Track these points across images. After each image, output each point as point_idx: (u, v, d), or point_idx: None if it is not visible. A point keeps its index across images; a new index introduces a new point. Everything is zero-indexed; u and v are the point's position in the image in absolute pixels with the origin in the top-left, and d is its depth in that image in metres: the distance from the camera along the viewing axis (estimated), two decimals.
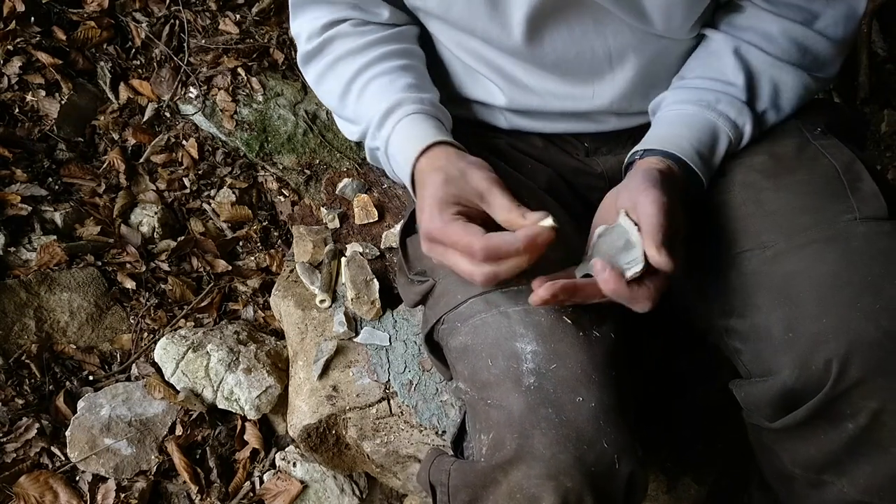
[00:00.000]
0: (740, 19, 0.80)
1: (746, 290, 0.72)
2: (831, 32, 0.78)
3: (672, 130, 0.78)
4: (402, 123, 0.79)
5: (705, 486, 1.05)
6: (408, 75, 0.84)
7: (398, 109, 0.79)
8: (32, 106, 1.55)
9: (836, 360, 0.63)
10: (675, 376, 1.01)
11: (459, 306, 0.73)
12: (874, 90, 2.01)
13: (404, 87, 0.82)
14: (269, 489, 1.21)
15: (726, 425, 1.05)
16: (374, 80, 0.83)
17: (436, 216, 0.68)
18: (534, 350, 0.66)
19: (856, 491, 0.68)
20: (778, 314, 0.68)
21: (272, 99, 1.71)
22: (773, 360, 0.68)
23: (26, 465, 1.18)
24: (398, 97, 0.80)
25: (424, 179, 0.73)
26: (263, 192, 1.65)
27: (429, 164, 0.74)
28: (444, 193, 0.69)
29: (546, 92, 0.86)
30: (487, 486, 0.67)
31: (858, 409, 0.64)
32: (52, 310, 1.33)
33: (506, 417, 0.65)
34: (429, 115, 0.79)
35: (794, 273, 0.68)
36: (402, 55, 0.86)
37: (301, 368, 1.05)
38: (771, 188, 0.75)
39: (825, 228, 0.69)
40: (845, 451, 0.67)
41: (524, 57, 0.83)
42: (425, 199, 0.70)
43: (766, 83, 0.79)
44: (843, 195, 0.72)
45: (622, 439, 0.65)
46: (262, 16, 1.82)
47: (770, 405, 0.70)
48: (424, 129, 0.77)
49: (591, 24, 0.78)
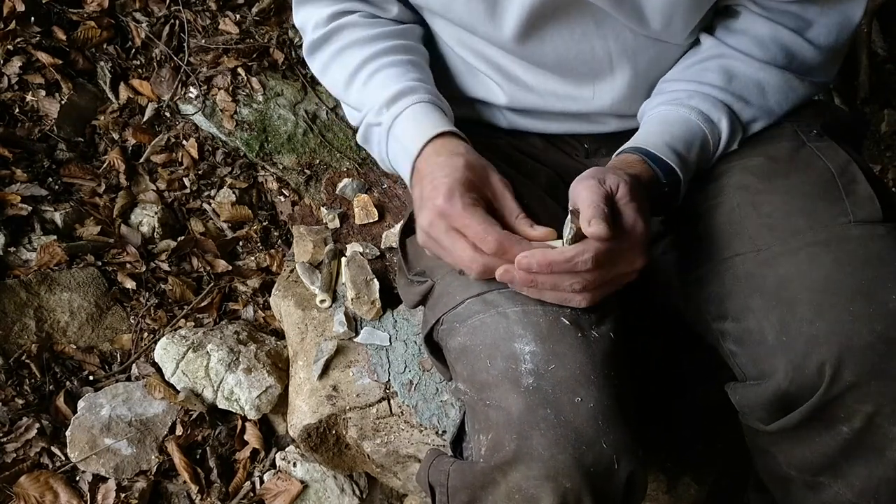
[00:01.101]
0: (735, 23, 0.80)
1: (741, 293, 0.72)
2: (822, 41, 0.78)
3: (645, 129, 0.79)
4: (415, 108, 0.78)
5: (705, 486, 1.05)
6: (416, 70, 0.84)
7: (412, 94, 0.79)
8: (32, 106, 1.55)
9: (829, 363, 0.63)
10: (675, 376, 1.01)
11: (458, 307, 0.73)
12: (874, 90, 2.01)
13: (416, 78, 0.82)
14: (270, 489, 1.21)
15: (726, 425, 1.05)
16: (382, 70, 0.83)
17: (456, 197, 0.67)
18: (532, 351, 0.66)
19: (852, 493, 0.68)
20: (772, 317, 0.68)
21: (272, 99, 1.71)
22: (767, 363, 0.68)
23: (26, 465, 1.18)
24: (411, 84, 0.80)
25: (440, 161, 0.72)
26: (263, 192, 1.65)
27: (446, 148, 0.74)
28: (465, 178, 0.69)
29: (546, 91, 0.87)
30: (486, 486, 0.67)
31: (853, 413, 0.64)
32: (53, 310, 1.33)
33: (504, 418, 0.65)
34: (439, 107, 0.80)
35: (788, 276, 0.68)
36: (409, 51, 0.87)
37: (301, 368, 1.05)
38: (765, 191, 0.75)
39: (819, 231, 0.69)
40: (840, 454, 0.67)
41: (524, 56, 0.83)
42: (442, 178, 0.69)
43: (750, 84, 0.79)
44: (837, 198, 0.71)
45: (621, 440, 0.65)
46: (262, 16, 1.82)
47: (764, 408, 0.70)
48: (438, 118, 0.78)
49: (592, 26, 0.79)
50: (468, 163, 0.71)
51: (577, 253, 0.63)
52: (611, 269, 0.66)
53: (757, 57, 0.78)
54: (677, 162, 0.75)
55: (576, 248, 0.63)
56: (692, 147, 0.77)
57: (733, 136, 0.79)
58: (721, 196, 0.78)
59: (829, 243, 0.68)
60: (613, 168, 0.71)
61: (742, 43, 0.79)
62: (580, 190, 0.66)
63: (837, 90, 1.99)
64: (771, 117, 0.81)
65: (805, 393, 0.65)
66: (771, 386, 0.68)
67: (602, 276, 0.65)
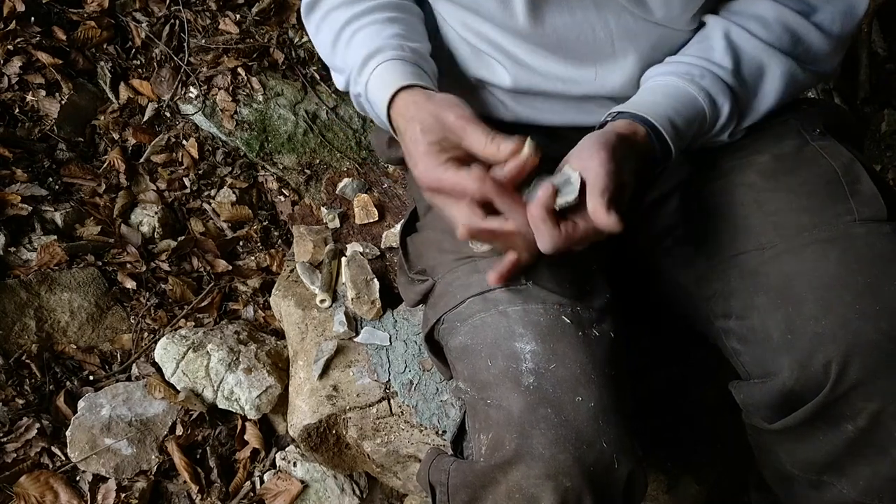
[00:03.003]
0: (738, 4, 0.78)
1: (745, 291, 0.72)
2: (827, 27, 0.77)
3: (650, 97, 0.77)
4: (379, 69, 0.78)
5: (705, 486, 1.05)
6: (396, 26, 0.83)
7: (378, 55, 0.79)
8: (33, 106, 1.55)
9: (835, 361, 0.63)
10: (675, 376, 1.01)
11: (459, 306, 0.73)
12: (874, 90, 2.01)
13: (390, 35, 0.82)
14: (270, 489, 1.21)
15: (726, 425, 1.05)
16: (362, 29, 0.83)
17: (429, 168, 0.68)
18: (533, 350, 0.66)
19: (855, 492, 0.68)
20: (777, 315, 0.68)
21: (272, 99, 1.71)
22: (772, 361, 0.68)
23: (27, 464, 1.17)
24: (380, 44, 0.80)
25: (404, 129, 0.74)
26: (263, 191, 1.65)
27: (400, 114, 0.75)
28: (426, 144, 0.69)
29: (549, 74, 0.85)
30: (487, 485, 0.67)
31: (858, 411, 0.64)
32: (53, 310, 1.33)
33: (505, 417, 0.65)
34: (407, 60, 0.79)
35: (794, 274, 0.68)
36: (394, 8, 0.86)
37: (301, 368, 1.05)
38: (770, 189, 0.75)
39: (825, 230, 0.69)
40: (845, 453, 0.67)
41: (526, 37, 0.82)
42: (413, 152, 0.71)
43: (752, 66, 0.77)
44: (842, 196, 0.71)
45: (621, 439, 0.65)
46: (262, 16, 1.82)
47: (769, 406, 0.70)
48: (398, 75, 0.77)
49: (593, 8, 0.77)
50: (421, 127, 0.70)
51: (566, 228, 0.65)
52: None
53: (762, 38, 0.76)
54: (675, 139, 0.74)
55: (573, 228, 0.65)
56: (691, 127, 0.76)
57: (728, 124, 0.78)
58: (726, 194, 0.78)
59: (835, 241, 0.68)
60: (619, 136, 0.70)
61: (748, 23, 0.77)
62: (592, 165, 0.65)
63: (837, 90, 1.99)
64: (761, 105, 0.79)
65: (810, 391, 0.65)
66: (776, 384, 0.67)
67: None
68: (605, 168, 0.64)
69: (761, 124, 0.82)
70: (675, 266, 0.84)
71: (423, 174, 0.69)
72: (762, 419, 0.73)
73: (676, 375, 1.01)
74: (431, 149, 0.69)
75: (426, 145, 0.69)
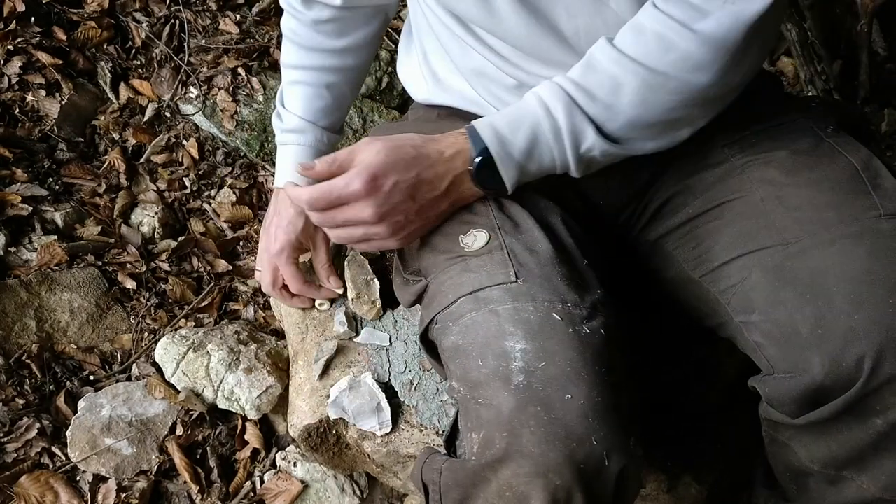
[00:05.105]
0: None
1: (769, 286, 0.71)
2: (709, 33, 0.69)
3: None
4: (291, 148, 1.04)
5: (705, 486, 1.05)
6: (329, 95, 1.04)
7: (297, 134, 1.04)
8: (33, 106, 1.55)
9: (868, 356, 0.62)
10: (676, 375, 1.01)
11: (451, 305, 0.74)
12: (874, 90, 2.00)
13: (318, 109, 1.04)
14: (270, 489, 1.21)
15: (727, 425, 1.05)
16: (302, 86, 1.03)
17: (282, 255, 1.02)
18: (523, 348, 0.66)
19: (876, 487, 0.68)
20: (806, 310, 0.67)
21: (272, 99, 1.71)
22: (800, 356, 0.67)
23: (27, 465, 1.17)
24: (302, 125, 1.03)
25: (279, 210, 1.03)
26: (264, 192, 1.65)
27: (281, 197, 1.03)
28: (285, 236, 1.01)
29: (530, 71, 0.82)
30: (478, 484, 0.67)
31: (889, 406, 0.64)
32: (53, 310, 1.33)
33: (495, 416, 0.65)
34: (312, 147, 1.04)
35: (822, 269, 0.68)
36: (336, 72, 1.04)
37: (301, 368, 1.05)
38: (791, 184, 0.75)
39: (851, 224, 0.69)
40: (870, 448, 0.67)
41: (491, 31, 0.80)
42: (274, 231, 1.03)
43: (606, 78, 0.72)
44: (864, 192, 0.71)
45: (612, 436, 0.64)
46: (263, 16, 1.82)
47: (796, 401, 0.69)
48: (287, 167, 1.04)
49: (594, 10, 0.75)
50: (288, 222, 1.01)
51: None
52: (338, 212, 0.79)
53: (622, 49, 0.71)
54: (493, 139, 0.74)
55: None
56: (519, 128, 0.74)
57: (579, 130, 0.73)
58: (743, 190, 0.78)
59: (863, 236, 0.67)
60: None
61: (623, 33, 0.73)
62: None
63: (838, 90, 1.99)
64: (618, 117, 0.73)
65: (841, 386, 0.65)
66: (805, 380, 0.67)
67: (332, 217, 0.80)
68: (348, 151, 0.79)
69: (769, 123, 0.82)
70: (687, 261, 0.84)
71: (271, 246, 1.03)
72: (786, 414, 0.72)
73: (678, 374, 1.01)
74: (287, 244, 1.02)
75: (284, 238, 1.01)
